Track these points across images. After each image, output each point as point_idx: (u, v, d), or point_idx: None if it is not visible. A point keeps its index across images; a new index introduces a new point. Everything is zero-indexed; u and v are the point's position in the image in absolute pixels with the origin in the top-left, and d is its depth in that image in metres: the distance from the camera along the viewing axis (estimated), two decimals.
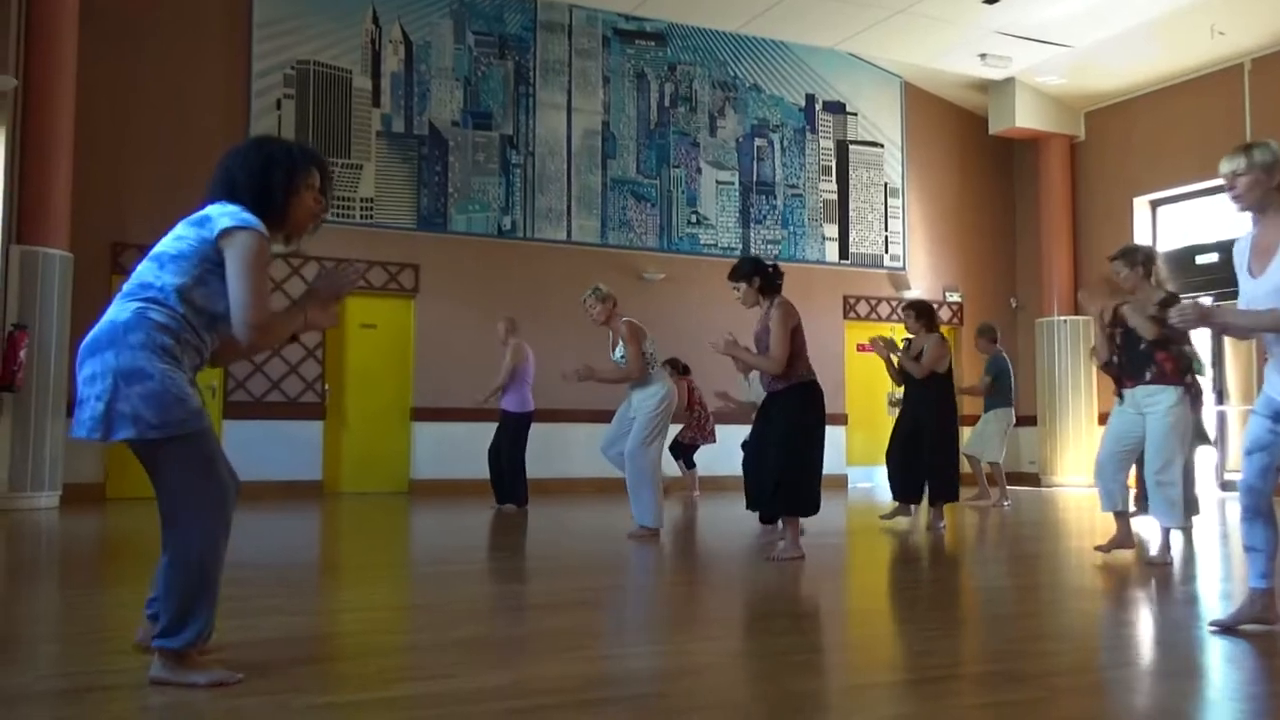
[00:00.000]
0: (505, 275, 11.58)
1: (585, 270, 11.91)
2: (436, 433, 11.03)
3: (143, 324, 2.44)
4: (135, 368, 2.40)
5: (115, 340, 2.43)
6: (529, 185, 11.84)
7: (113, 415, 2.39)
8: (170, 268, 2.49)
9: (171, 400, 2.40)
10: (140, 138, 10.22)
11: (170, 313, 2.46)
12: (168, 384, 2.41)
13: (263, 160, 2.61)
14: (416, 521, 8.44)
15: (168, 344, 2.44)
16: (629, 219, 12.25)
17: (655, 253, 12.34)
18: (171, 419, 2.40)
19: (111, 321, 2.47)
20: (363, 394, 11.08)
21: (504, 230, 11.69)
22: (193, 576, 2.45)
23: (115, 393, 2.39)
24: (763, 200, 12.94)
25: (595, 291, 6.90)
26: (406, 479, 11.14)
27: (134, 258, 10.02)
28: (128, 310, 2.47)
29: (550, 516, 8.40)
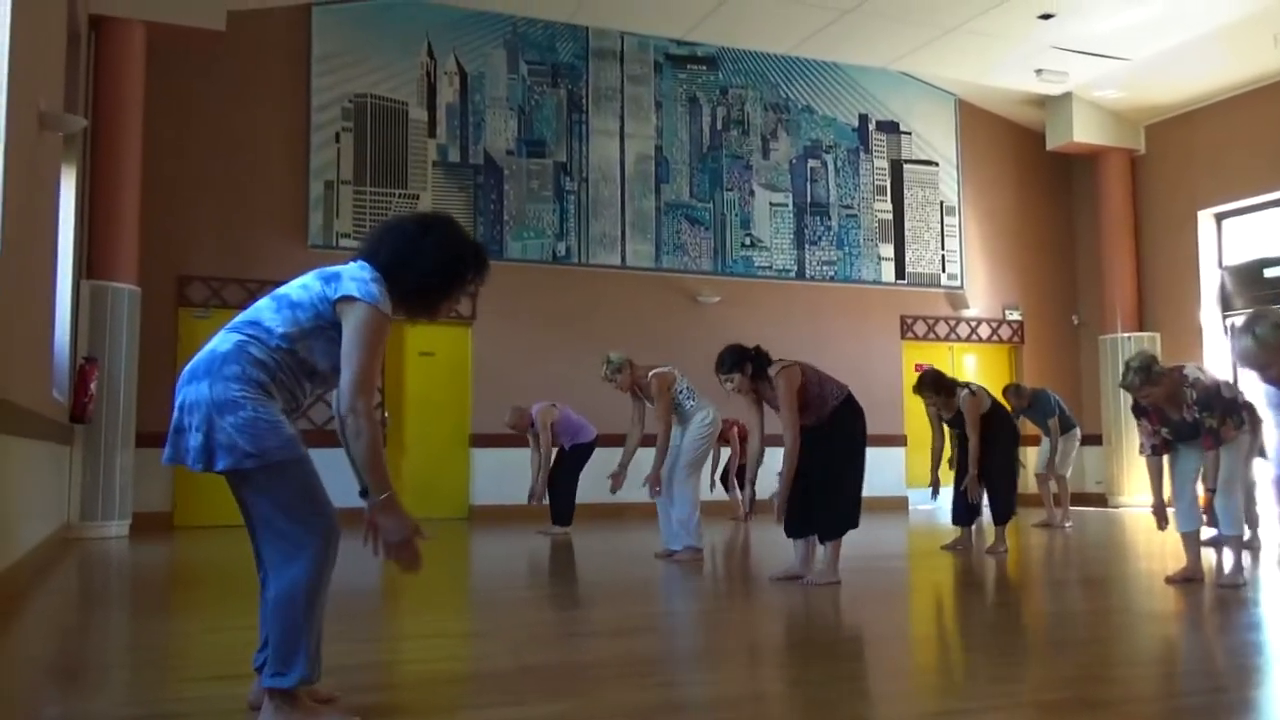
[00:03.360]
0: (560, 300, 11.65)
1: (640, 294, 11.94)
2: (495, 459, 11.09)
3: (240, 357, 2.43)
4: (228, 399, 2.38)
5: (211, 370, 2.42)
6: (583, 211, 11.92)
7: (213, 445, 2.38)
8: (285, 314, 2.49)
9: (265, 428, 2.38)
10: (203, 173, 10.46)
11: (270, 351, 2.46)
12: (260, 413, 2.39)
13: (447, 259, 2.59)
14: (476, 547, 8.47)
15: (262, 379, 2.43)
16: (683, 242, 12.27)
17: (710, 276, 12.33)
18: (267, 447, 2.38)
19: (212, 351, 2.47)
20: (422, 421, 11.18)
21: (559, 256, 11.76)
22: (298, 611, 2.39)
23: (210, 424, 2.38)
24: (817, 221, 12.89)
25: (607, 364, 6.89)
26: (466, 504, 11.21)
27: (199, 290, 10.26)
28: (229, 342, 2.47)
29: (600, 541, 8.41)
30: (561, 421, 9.06)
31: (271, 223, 10.62)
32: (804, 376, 5.38)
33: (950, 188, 13.63)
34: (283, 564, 2.40)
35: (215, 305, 10.20)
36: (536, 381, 10.96)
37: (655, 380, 6.67)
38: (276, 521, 2.40)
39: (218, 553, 7.77)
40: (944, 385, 7.25)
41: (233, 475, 2.41)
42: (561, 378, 11.00)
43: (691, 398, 6.73)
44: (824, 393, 5.38)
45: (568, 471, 9.00)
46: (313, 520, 2.41)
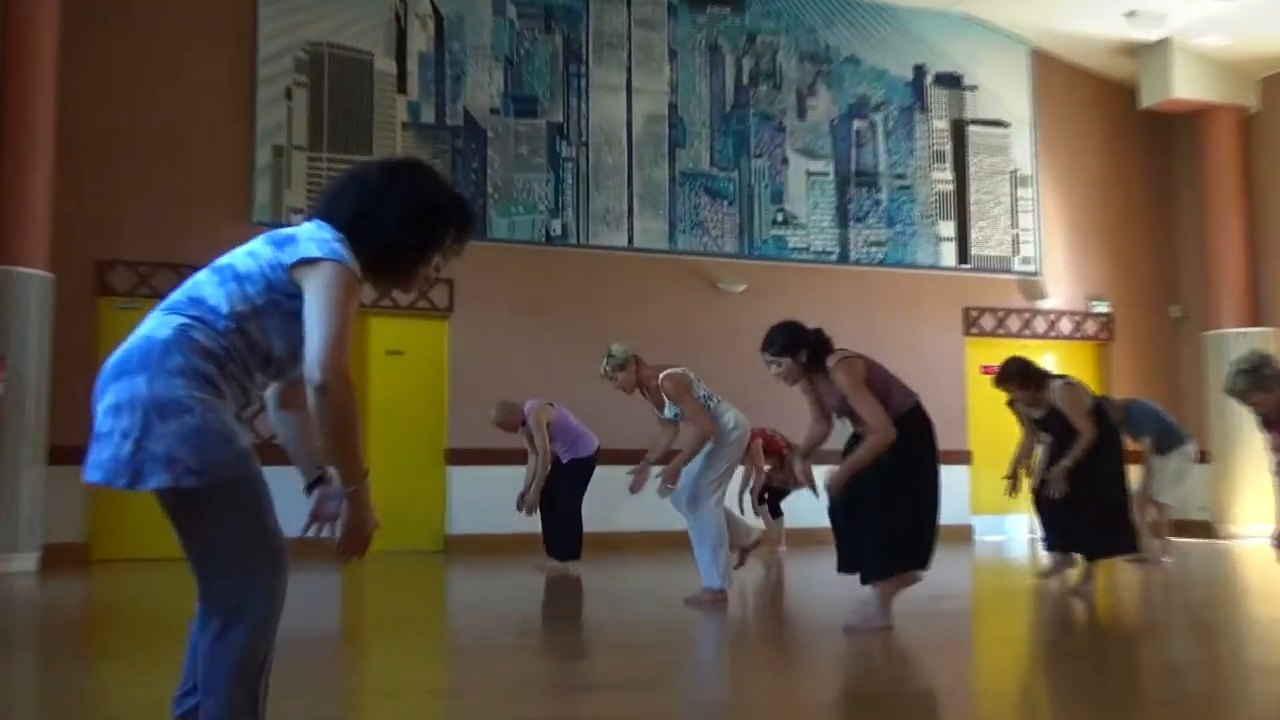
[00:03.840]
0: (555, 289, 11.62)
1: (650, 281, 11.91)
2: (476, 479, 11.07)
3: (184, 345, 2.39)
4: (171, 398, 2.32)
5: (149, 363, 2.36)
6: (582, 182, 11.90)
7: (142, 457, 2.31)
8: (231, 288, 2.46)
9: (215, 439, 2.33)
10: (128, 139, 10.45)
11: (217, 337, 2.42)
12: (209, 419, 2.34)
13: (420, 209, 2.58)
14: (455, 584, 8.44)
15: (211, 373, 2.39)
16: (702, 219, 12.24)
17: (734, 259, 12.29)
18: (215, 462, 2.33)
19: (148, 338, 2.41)
20: (388, 434, 11.16)
21: (553, 236, 11.74)
22: (243, 659, 2.38)
23: (147, 430, 2.31)
24: (864, 194, 12.86)
25: (608, 358, 6.92)
26: (442, 534, 11.20)
27: (123, 277, 10.26)
28: (169, 326, 2.41)
29: (605, 577, 8.37)
30: (558, 424, 9.02)
31: (210, 197, 10.62)
32: (868, 371, 5.34)
33: (1024, 153, 13.58)
34: (227, 602, 2.40)
35: (143, 294, 10.14)
36: (526, 385, 10.92)
37: (670, 382, 6.68)
38: (221, 553, 2.40)
39: (141, 591, 7.75)
40: (1032, 375, 6.99)
41: (169, 496, 2.38)
42: (557, 380, 10.98)
43: (709, 403, 6.75)
44: (888, 398, 5.32)
45: (566, 492, 8.93)
46: (264, 552, 2.41)
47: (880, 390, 5.31)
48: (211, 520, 2.38)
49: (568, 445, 9.02)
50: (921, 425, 5.37)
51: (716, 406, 6.73)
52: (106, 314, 10.16)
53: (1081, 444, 6.68)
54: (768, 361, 5.49)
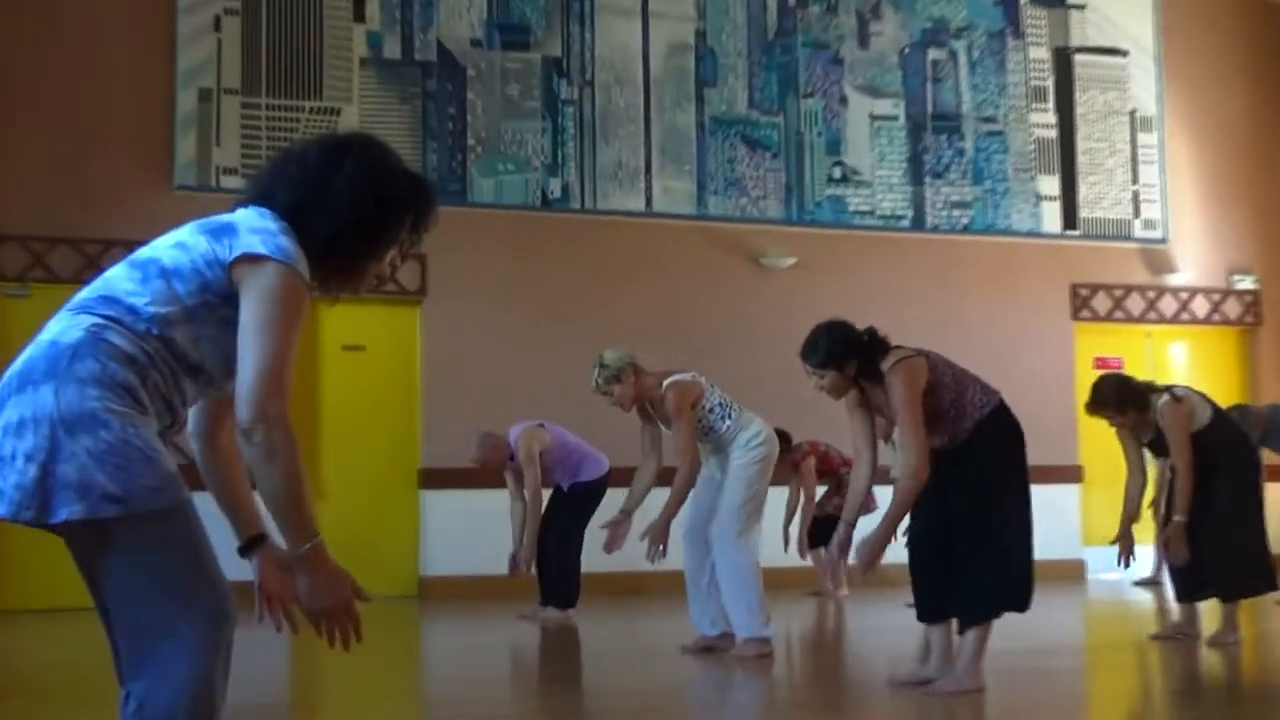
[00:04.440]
0: (555, 266, 11.58)
1: (674, 255, 11.88)
2: (457, 506, 11.04)
3: (98, 349, 2.41)
4: (84, 411, 2.34)
5: (56, 370, 2.38)
6: (587, 131, 11.87)
7: (50, 483, 2.32)
8: (156, 286, 2.49)
9: (138, 458, 2.35)
10: (16, 83, 10.46)
11: (137, 341, 2.45)
12: (130, 435, 2.35)
13: (370, 196, 2.63)
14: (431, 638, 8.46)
15: (130, 382, 2.41)
16: (739, 177, 12.20)
17: (780, 226, 12.24)
18: (139, 487, 2.34)
19: (52, 343, 2.43)
20: (346, 451, 11.15)
21: (551, 199, 11.72)
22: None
23: (54, 450, 2.33)
24: (942, 142, 12.80)
25: (600, 369, 7.05)
26: (415, 576, 11.20)
27: (13, 257, 10.28)
28: (79, 327, 2.44)
29: (612, 628, 8.38)
30: (555, 450, 9.02)
31: (120, 155, 10.62)
32: (933, 373, 5.36)
33: (1146, 90, 13.51)
34: (153, 666, 2.38)
35: (37, 278, 10.19)
36: (519, 388, 10.93)
37: (672, 393, 6.77)
38: (143, 602, 2.39)
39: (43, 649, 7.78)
40: (1130, 395, 7.11)
41: (79, 530, 2.37)
42: (556, 383, 10.97)
43: (728, 416, 6.86)
44: (963, 399, 5.35)
45: (566, 525, 8.90)
46: (197, 599, 2.40)
47: (952, 392, 5.35)
48: (133, 561, 2.37)
49: (568, 470, 9.00)
50: (1007, 430, 5.41)
51: (735, 420, 6.82)
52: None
53: (1181, 487, 6.84)
54: (808, 373, 5.54)
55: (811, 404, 10.50)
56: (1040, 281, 12.94)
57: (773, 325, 11.72)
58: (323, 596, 2.49)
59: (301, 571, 2.48)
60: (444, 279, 11.31)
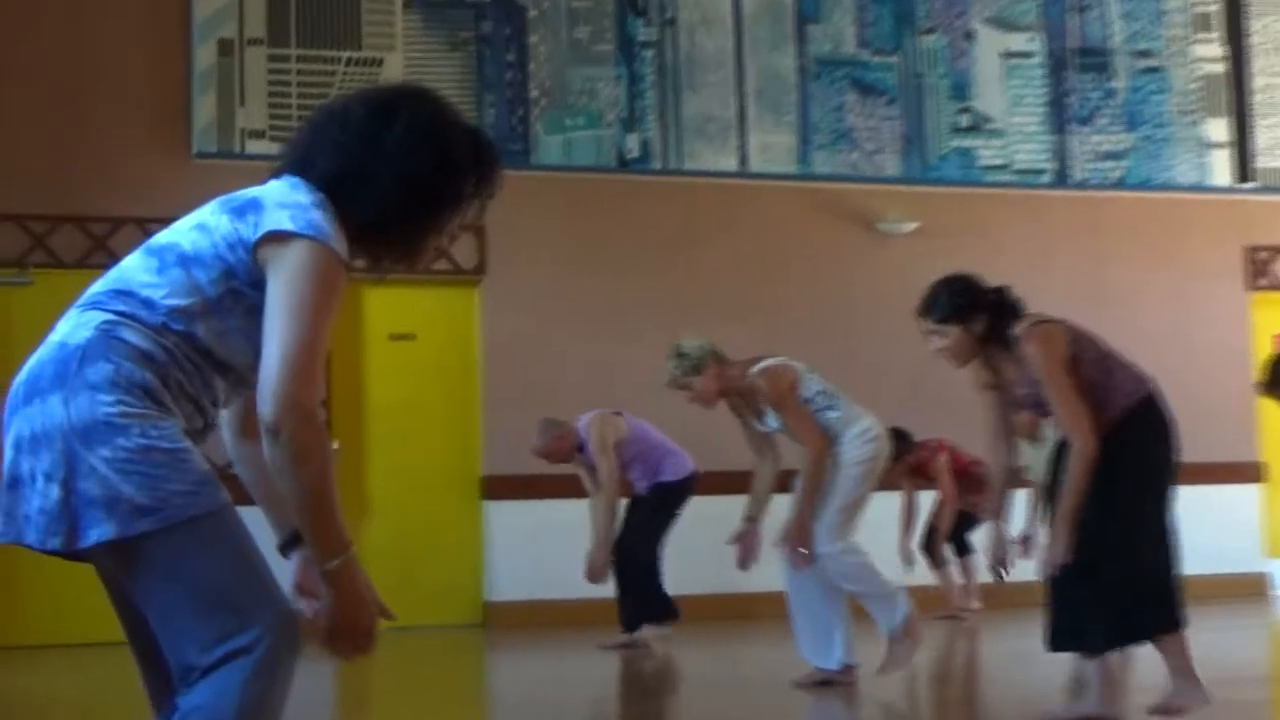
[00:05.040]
0: (632, 238, 11.55)
1: (773, 223, 11.84)
2: (525, 520, 11.03)
3: (111, 349, 2.45)
4: (96, 420, 2.39)
5: (65, 376, 2.44)
6: (669, 79, 11.85)
7: (75, 503, 2.37)
8: (174, 275, 2.53)
9: (164, 463, 2.40)
10: (13, 42, 10.54)
11: (154, 337, 2.49)
12: (152, 439, 2.40)
13: (427, 161, 2.64)
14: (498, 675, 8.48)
15: (150, 383, 2.46)
16: (849, 129, 12.13)
17: (898, 186, 12.17)
18: (170, 494, 2.39)
19: (60, 345, 2.49)
20: (396, 456, 11.18)
21: (628, 159, 11.70)
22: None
23: (72, 466, 2.38)
24: (1089, 82, 12.67)
25: (679, 360, 7.11)
26: (479, 602, 11.24)
27: (11, 239, 10.40)
28: (88, 327, 2.49)
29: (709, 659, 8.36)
30: (633, 443, 9.03)
31: (128, 120, 10.71)
32: (1074, 345, 5.36)
33: None
34: (203, 693, 2.40)
35: (38, 264, 10.33)
36: (594, 380, 10.90)
37: (765, 380, 6.80)
38: (191, 617, 2.42)
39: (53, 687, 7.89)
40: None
41: (110, 551, 2.41)
42: (637, 373, 10.92)
43: (833, 405, 6.90)
44: (1109, 383, 5.35)
45: (644, 533, 8.91)
46: (256, 606, 2.44)
47: (1096, 372, 5.35)
48: (174, 576, 2.41)
49: (648, 470, 9.02)
50: (1156, 425, 5.40)
51: (842, 410, 6.87)
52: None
53: None
54: (928, 331, 5.56)
55: (938, 396, 10.46)
56: (1208, 244, 12.78)
57: (890, 303, 11.60)
58: (347, 615, 2.52)
59: (330, 586, 2.50)
60: (505, 255, 11.32)
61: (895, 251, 12.01)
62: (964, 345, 5.47)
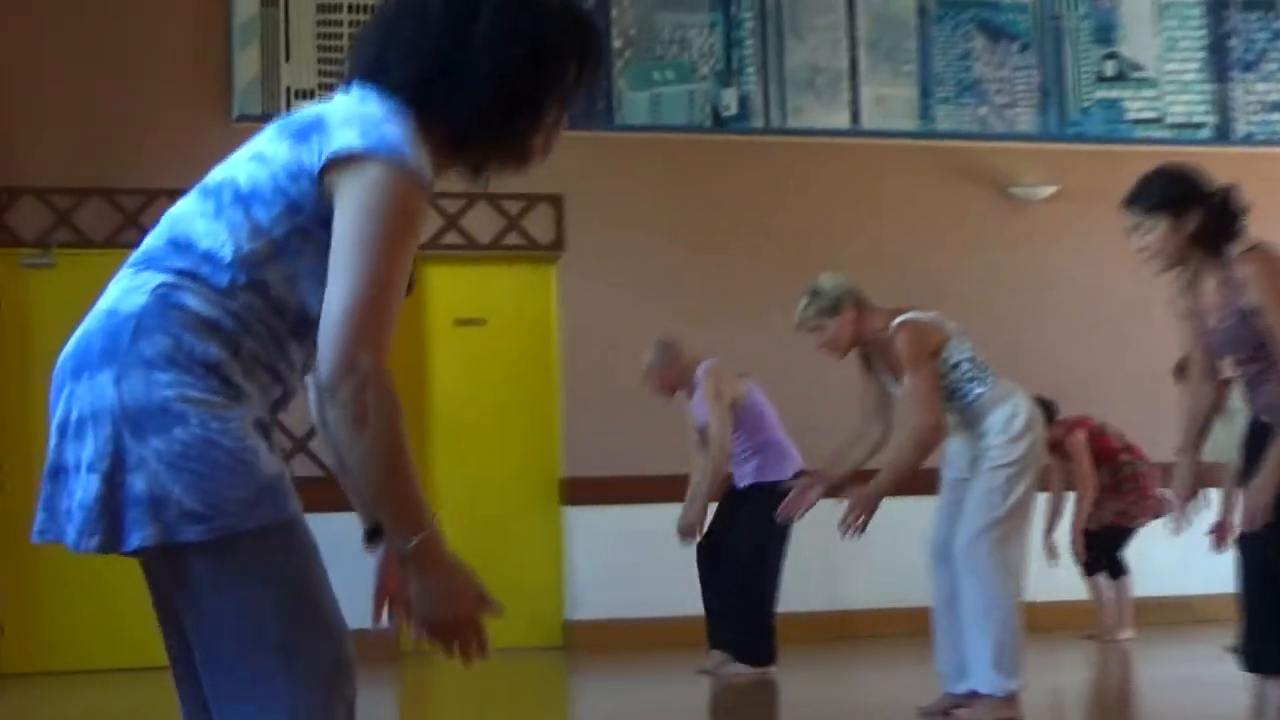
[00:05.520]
0: (730, 206, 11.55)
1: (890, 186, 11.81)
2: (611, 527, 11.04)
3: (167, 318, 2.42)
4: (151, 404, 2.37)
5: (115, 351, 2.41)
6: (771, 24, 11.84)
7: (119, 499, 2.36)
8: (232, 217, 2.49)
9: (224, 464, 2.36)
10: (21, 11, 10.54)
11: (221, 300, 2.46)
12: (213, 432, 2.37)
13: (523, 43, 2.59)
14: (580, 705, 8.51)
15: (213, 358, 2.42)
16: (976, 80, 12.09)
17: (1033, 143, 12.13)
18: (226, 500, 2.36)
19: (109, 313, 2.46)
20: (464, 456, 11.23)
21: (725, 117, 11.70)
22: None
23: (120, 456, 2.36)
24: (1253, 22, 12.55)
25: (813, 300, 7.10)
26: (559, 620, 11.29)
27: (34, 215, 10.53)
28: (142, 292, 2.45)
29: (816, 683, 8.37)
30: (748, 411, 8.99)
31: (161, 80, 10.78)
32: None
33: None
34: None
35: (62, 243, 10.46)
36: None
37: (904, 334, 6.74)
38: (233, 651, 2.42)
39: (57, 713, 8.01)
40: None
41: (155, 559, 2.43)
42: (739, 358, 10.89)
43: (980, 378, 6.83)
44: None
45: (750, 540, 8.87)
46: (311, 647, 2.43)
47: None
48: (220, 597, 2.40)
49: (756, 451, 8.96)
50: None
51: (989, 385, 6.79)
52: (9, 274, 10.48)
53: None
54: (1132, 225, 5.51)
55: (1086, 382, 10.39)
56: None
57: (1026, 275, 11.64)
58: (438, 604, 2.51)
59: (412, 571, 2.48)
60: (587, 227, 11.37)
61: (1031, 218, 12.03)
62: (1171, 244, 5.40)
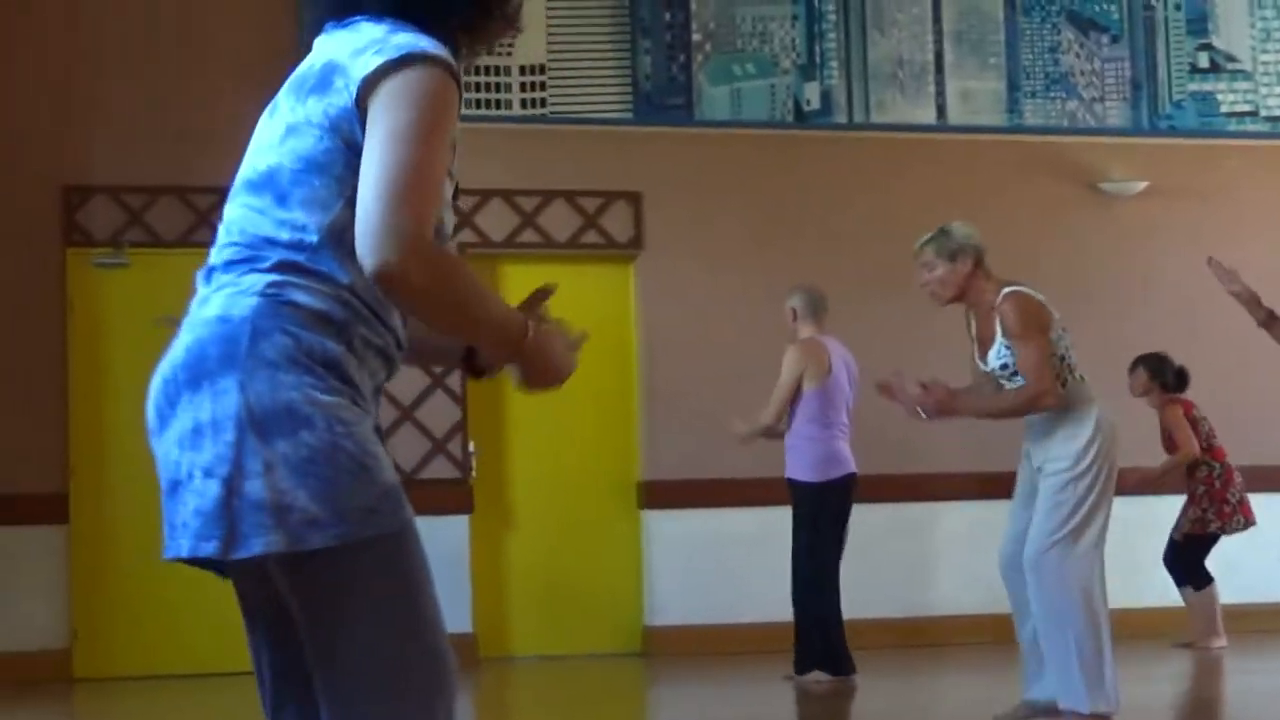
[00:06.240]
0: (814, 202, 11.52)
1: (977, 182, 11.74)
2: (691, 532, 11.03)
3: (281, 317, 2.45)
4: (278, 405, 2.40)
5: (234, 356, 2.43)
6: (854, 17, 11.79)
7: (238, 505, 2.39)
8: (302, 192, 2.51)
9: (348, 469, 2.41)
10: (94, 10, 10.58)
11: (328, 290, 2.48)
12: (339, 436, 2.41)
13: None
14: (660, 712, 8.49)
15: (332, 354, 2.46)
16: (1065, 72, 12.03)
17: (1125, 138, 12.07)
18: (349, 508, 2.41)
19: (221, 320, 2.47)
20: (540, 460, 11.23)
21: (806, 111, 11.66)
22: None
23: (241, 459, 2.39)
24: None
25: (936, 240, 7.10)
26: (637, 626, 11.26)
27: (105, 215, 10.55)
28: (249, 294, 2.47)
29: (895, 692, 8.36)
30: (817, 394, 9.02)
31: (234, 74, 10.79)
32: None
33: None
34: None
35: (136, 243, 10.46)
36: (771, 368, 10.83)
37: (1011, 304, 6.82)
38: (350, 664, 2.45)
39: None
40: None
41: (273, 565, 2.44)
42: None
43: (1071, 376, 6.89)
44: None
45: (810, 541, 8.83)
46: (421, 653, 2.47)
47: None
48: (331, 605, 2.44)
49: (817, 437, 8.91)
50: None
51: (1076, 390, 6.83)
52: (79, 274, 10.49)
53: None
54: None
55: None
56: None
57: (1118, 275, 11.57)
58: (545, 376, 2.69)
59: (521, 364, 2.65)
60: (666, 225, 11.36)
61: (1122, 214, 11.96)
62: None
